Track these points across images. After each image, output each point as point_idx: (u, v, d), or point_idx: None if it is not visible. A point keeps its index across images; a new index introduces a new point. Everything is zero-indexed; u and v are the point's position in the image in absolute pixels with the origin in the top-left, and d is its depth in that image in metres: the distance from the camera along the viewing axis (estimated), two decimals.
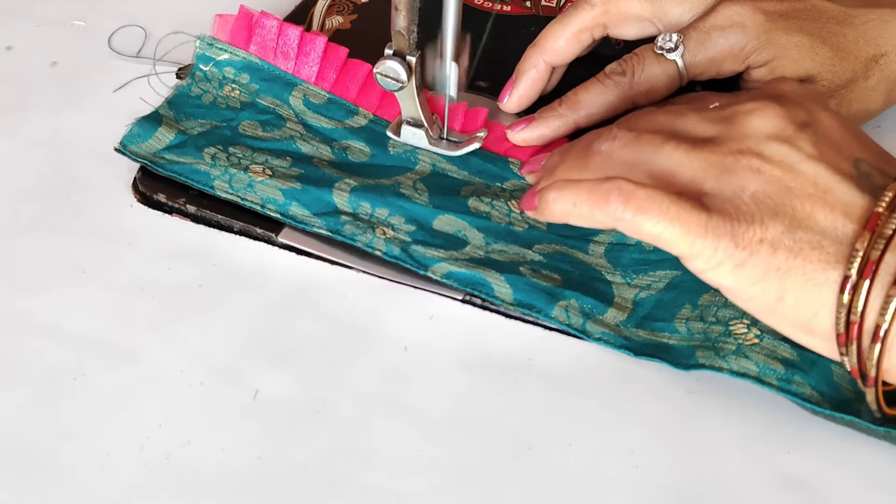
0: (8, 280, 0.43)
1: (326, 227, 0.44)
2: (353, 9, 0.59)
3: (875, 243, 0.33)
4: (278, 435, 0.38)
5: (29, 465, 0.37)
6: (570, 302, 0.42)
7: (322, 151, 0.48)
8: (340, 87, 0.50)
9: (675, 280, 0.42)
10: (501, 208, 0.46)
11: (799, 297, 0.35)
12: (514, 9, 0.60)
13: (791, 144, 0.36)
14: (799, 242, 0.35)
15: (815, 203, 0.35)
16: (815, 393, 0.38)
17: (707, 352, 0.39)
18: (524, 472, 0.37)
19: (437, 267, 0.43)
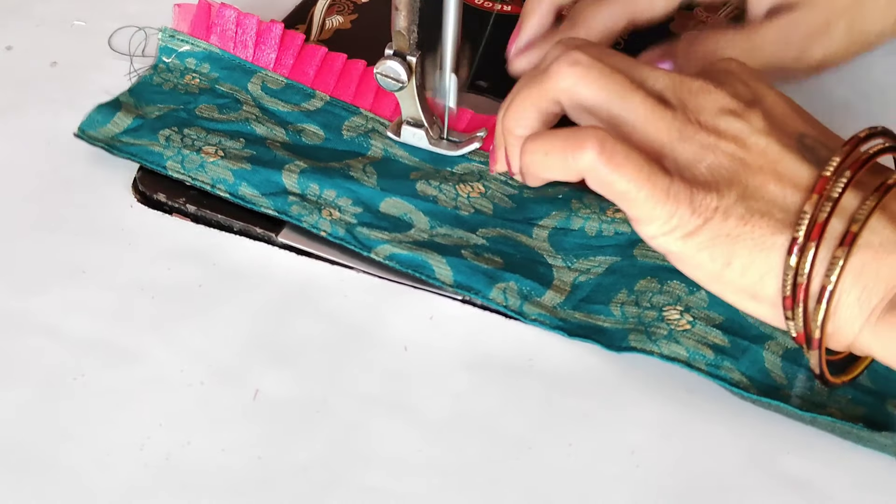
0: (8, 280, 0.43)
1: (274, 208, 0.45)
2: (353, 9, 0.59)
3: (822, 206, 0.34)
4: (278, 435, 0.38)
5: (29, 465, 0.37)
6: (508, 284, 0.42)
7: (276, 133, 0.49)
8: (298, 72, 0.51)
9: (614, 265, 0.43)
10: (449, 192, 0.46)
11: (746, 261, 0.36)
12: (515, 9, 0.60)
13: (743, 119, 0.37)
14: (750, 210, 0.35)
15: (765, 174, 0.36)
16: (743, 378, 0.39)
17: (639, 335, 0.40)
18: (524, 472, 0.37)
19: (380, 249, 0.44)
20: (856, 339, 0.35)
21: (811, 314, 0.35)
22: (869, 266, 0.34)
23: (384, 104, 0.50)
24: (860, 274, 0.34)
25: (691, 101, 0.38)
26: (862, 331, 0.35)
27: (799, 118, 0.38)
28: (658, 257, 0.43)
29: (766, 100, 0.38)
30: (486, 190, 0.47)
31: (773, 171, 0.36)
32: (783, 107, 0.38)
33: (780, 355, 0.40)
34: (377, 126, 0.49)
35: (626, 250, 0.44)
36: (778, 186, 0.36)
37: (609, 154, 0.36)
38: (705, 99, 0.37)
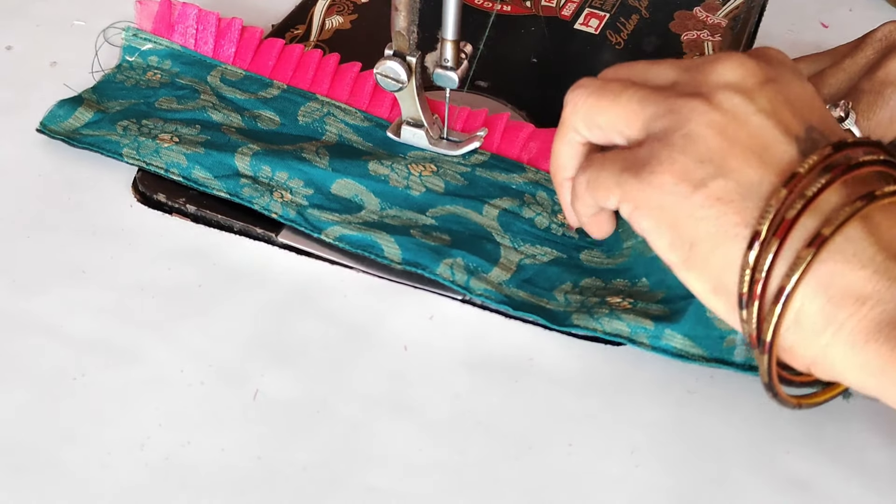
0: (8, 280, 0.43)
1: (226, 190, 0.46)
2: (353, 9, 0.59)
3: (793, 203, 0.32)
4: (279, 435, 0.38)
5: (29, 465, 0.37)
6: (455, 260, 0.43)
7: (232, 119, 0.49)
8: (257, 65, 0.52)
9: (559, 259, 0.44)
10: (401, 171, 0.47)
11: (709, 247, 0.33)
12: (514, 8, 0.60)
13: (747, 96, 0.35)
14: (721, 191, 0.33)
15: (748, 156, 0.34)
16: (686, 342, 0.39)
17: (582, 315, 0.41)
18: (525, 471, 0.37)
19: (330, 230, 0.44)
20: (821, 357, 0.33)
21: (766, 315, 0.32)
22: (839, 277, 0.32)
23: (340, 88, 0.51)
24: (828, 283, 0.32)
25: (699, 74, 0.36)
26: (828, 348, 0.32)
27: (817, 114, 0.35)
28: (604, 262, 0.44)
29: (788, 85, 0.35)
30: (437, 169, 0.47)
31: (760, 155, 0.33)
32: (804, 98, 0.35)
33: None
34: (333, 110, 0.50)
35: (573, 252, 0.44)
36: (758, 171, 0.33)
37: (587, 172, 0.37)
38: (714, 71, 0.36)
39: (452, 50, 0.45)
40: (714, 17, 0.60)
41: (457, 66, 0.46)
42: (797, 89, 0.36)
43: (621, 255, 0.44)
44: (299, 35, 0.56)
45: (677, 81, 0.37)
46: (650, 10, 0.60)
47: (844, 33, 0.60)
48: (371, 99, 0.50)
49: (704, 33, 0.58)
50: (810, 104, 0.35)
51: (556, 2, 0.60)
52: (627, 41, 0.58)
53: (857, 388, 0.33)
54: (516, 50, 0.57)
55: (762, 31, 0.60)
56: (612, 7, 0.60)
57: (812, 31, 0.60)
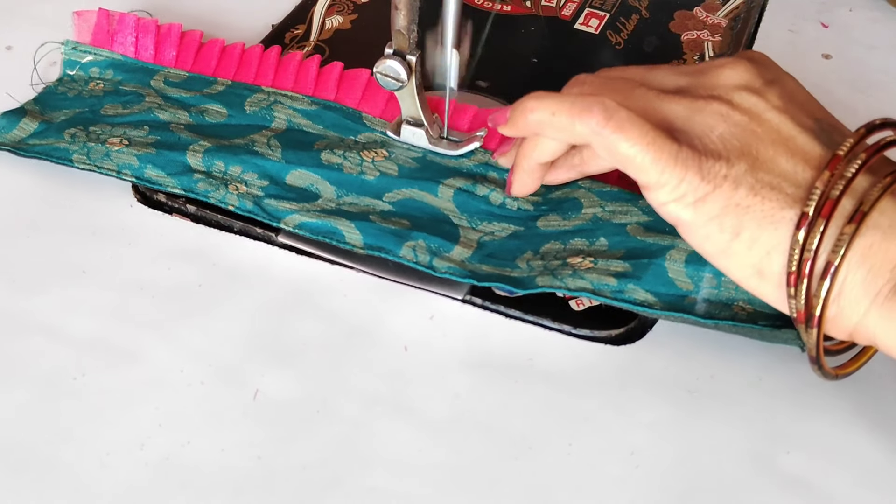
0: (8, 280, 0.43)
1: (180, 186, 0.46)
2: (353, 9, 0.59)
3: (835, 184, 0.34)
4: (279, 435, 0.38)
5: (29, 465, 0.37)
6: (417, 242, 0.43)
7: (180, 116, 0.49)
8: (200, 66, 0.52)
9: (517, 233, 0.44)
10: (354, 159, 0.47)
11: (754, 233, 0.36)
12: (514, 8, 0.60)
13: (759, 95, 0.37)
14: (760, 182, 0.36)
15: (777, 148, 0.36)
16: (648, 296, 0.40)
17: (546, 277, 0.41)
18: (524, 471, 0.37)
19: (289, 219, 0.44)
20: (859, 323, 0.35)
21: (814, 291, 0.35)
22: (876, 247, 0.34)
23: (284, 77, 0.51)
24: (867, 255, 0.34)
25: (711, 76, 0.38)
26: (867, 314, 0.35)
27: (816, 106, 0.38)
28: (561, 224, 0.44)
29: (786, 83, 0.38)
30: (389, 154, 0.48)
31: (786, 146, 0.36)
32: (802, 93, 0.39)
33: (684, 261, 0.40)
34: (280, 98, 0.50)
35: (529, 222, 0.45)
36: (790, 162, 0.36)
37: (610, 115, 0.36)
38: (725, 73, 0.38)
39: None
40: (714, 17, 0.60)
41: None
42: (794, 87, 0.39)
43: (579, 218, 0.44)
44: (299, 35, 0.56)
45: (686, 87, 0.38)
46: (650, 10, 0.60)
47: (844, 33, 0.60)
48: (316, 85, 0.51)
49: (704, 33, 0.58)
50: (808, 99, 0.38)
51: (557, 2, 0.60)
52: (627, 41, 0.58)
53: (891, 351, 0.35)
54: (516, 50, 0.57)
55: (762, 31, 0.60)
56: (612, 7, 0.60)
57: (812, 31, 0.60)
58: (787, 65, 0.57)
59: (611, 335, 0.42)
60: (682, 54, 0.57)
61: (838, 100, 0.55)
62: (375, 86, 0.50)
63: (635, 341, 0.42)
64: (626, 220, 0.43)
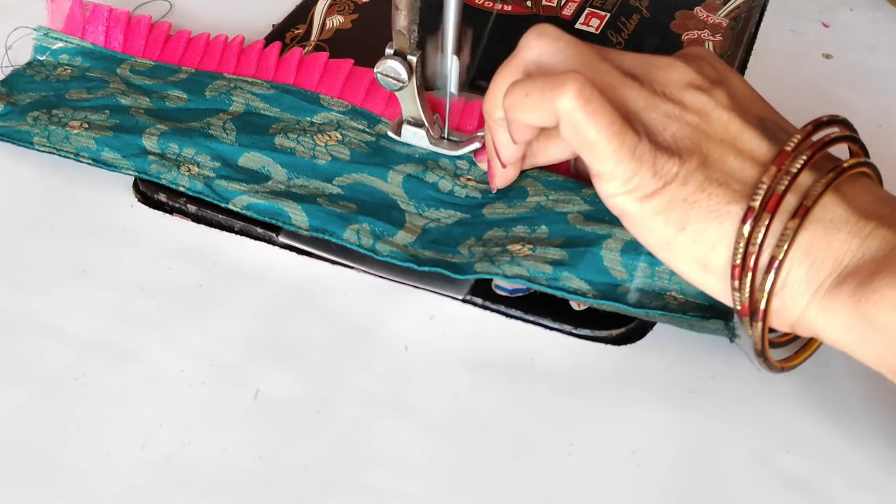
0: (8, 280, 0.43)
1: (134, 168, 0.46)
2: (353, 8, 0.59)
3: (781, 179, 0.35)
4: (279, 435, 0.38)
5: (29, 464, 0.37)
6: (361, 226, 0.44)
7: (141, 101, 0.50)
8: (166, 56, 0.53)
9: (463, 220, 0.45)
10: (307, 143, 0.48)
11: (699, 227, 0.36)
12: (515, 8, 0.60)
13: (708, 94, 0.38)
14: (709, 179, 0.36)
15: (726, 147, 0.37)
16: (582, 284, 0.41)
17: (484, 263, 0.42)
18: (525, 471, 0.37)
19: (237, 199, 0.45)
20: (801, 316, 0.35)
21: (758, 284, 0.35)
22: (819, 241, 0.35)
23: (246, 65, 0.52)
24: (809, 249, 0.35)
25: (659, 75, 0.38)
26: (808, 307, 0.35)
27: (761, 104, 0.39)
28: (506, 212, 0.45)
29: (732, 82, 0.39)
30: (343, 138, 0.48)
31: (734, 144, 0.37)
32: (747, 91, 0.39)
33: (619, 250, 0.41)
34: (240, 84, 0.51)
35: (476, 210, 0.45)
36: (737, 159, 0.36)
37: (587, 98, 0.36)
38: (672, 73, 0.38)
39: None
40: (715, 16, 0.60)
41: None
42: (741, 86, 0.39)
43: (524, 206, 0.45)
44: (300, 35, 0.56)
45: (640, 75, 0.39)
46: (651, 10, 0.60)
47: (845, 33, 0.60)
48: (276, 70, 0.52)
49: (705, 33, 0.58)
50: (753, 98, 0.39)
51: (557, 1, 0.60)
52: (628, 41, 0.58)
53: (832, 344, 0.35)
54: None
55: (763, 31, 0.60)
56: (612, 7, 0.60)
57: (812, 31, 0.60)
58: (787, 65, 0.57)
59: (611, 335, 0.42)
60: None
61: (838, 100, 0.55)
62: (333, 69, 0.51)
63: (635, 341, 0.42)
64: (567, 209, 0.44)
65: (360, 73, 0.51)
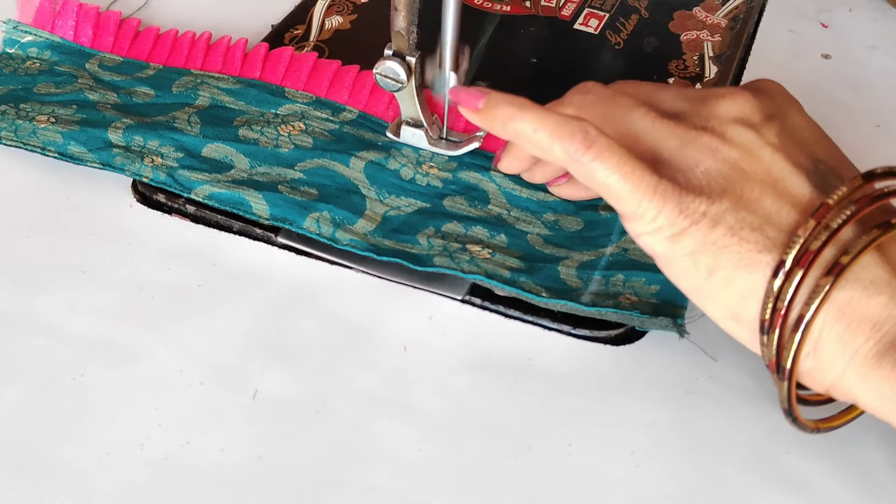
0: (8, 280, 0.43)
1: (99, 161, 0.47)
2: (352, 9, 0.59)
3: (818, 234, 0.33)
4: (278, 435, 0.38)
5: (28, 464, 0.37)
6: (322, 214, 0.44)
7: (108, 97, 0.51)
8: (135, 52, 0.54)
9: (423, 209, 0.46)
10: (270, 134, 0.48)
11: (729, 275, 0.34)
12: (514, 8, 0.60)
13: (755, 130, 0.36)
14: (740, 222, 0.34)
15: (765, 188, 0.35)
16: (537, 287, 0.42)
17: (444, 258, 0.43)
18: (524, 471, 0.37)
19: (199, 189, 0.45)
20: (838, 381, 0.34)
21: (786, 343, 0.33)
22: (856, 303, 0.33)
23: (213, 61, 0.52)
24: (845, 310, 0.33)
25: (704, 109, 0.37)
26: (845, 372, 0.33)
27: (822, 145, 0.37)
28: (465, 209, 0.45)
29: (791, 120, 0.37)
30: (306, 127, 0.49)
31: (774, 186, 0.35)
32: (807, 131, 0.37)
33: (575, 267, 0.43)
34: (206, 79, 0.51)
35: (436, 200, 0.46)
36: (776, 203, 0.34)
37: (594, 146, 0.35)
38: (724, 105, 0.37)
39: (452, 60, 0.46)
40: (714, 16, 0.60)
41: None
42: (799, 122, 0.37)
43: (484, 212, 0.46)
44: (299, 35, 0.56)
45: (684, 112, 0.37)
46: (650, 10, 0.60)
47: (844, 33, 0.60)
48: (243, 65, 0.52)
49: (704, 33, 0.58)
50: (813, 137, 0.37)
51: (556, 2, 0.60)
52: (627, 41, 0.58)
53: (871, 412, 0.34)
54: (516, 50, 0.57)
55: (762, 31, 0.60)
56: (611, 7, 0.60)
57: (812, 32, 0.60)
58: (786, 65, 0.57)
59: (611, 335, 0.42)
60: (681, 54, 0.57)
61: (838, 100, 0.55)
62: (298, 62, 0.51)
63: (635, 341, 0.42)
64: (527, 230, 0.45)
65: (323, 65, 0.52)
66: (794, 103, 0.38)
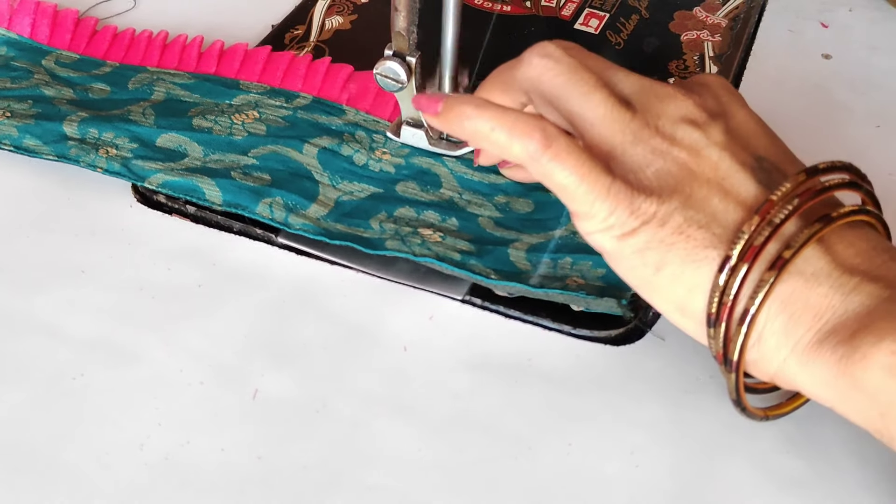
0: (8, 280, 0.43)
1: (54, 153, 0.47)
2: (353, 9, 0.59)
3: (762, 230, 0.34)
4: (278, 435, 0.38)
5: (28, 464, 0.37)
6: (274, 199, 0.45)
7: (64, 93, 0.51)
8: (91, 50, 0.54)
9: (375, 194, 0.46)
10: (224, 122, 0.49)
11: (676, 270, 0.35)
12: (514, 9, 0.60)
13: (702, 130, 0.36)
14: (688, 220, 0.35)
15: (712, 187, 0.35)
16: (487, 269, 0.42)
17: (396, 242, 0.44)
18: (524, 471, 0.37)
19: (153, 178, 0.46)
20: (781, 370, 0.34)
21: (732, 335, 0.34)
22: (798, 294, 0.34)
23: (169, 58, 0.53)
24: (788, 301, 0.34)
25: (655, 105, 0.37)
26: (787, 361, 0.34)
27: (764, 141, 0.37)
28: (417, 194, 0.46)
29: (735, 116, 0.37)
30: (260, 116, 0.49)
31: (721, 185, 0.35)
32: (751, 126, 0.37)
33: (525, 250, 0.43)
34: (162, 75, 0.52)
35: (389, 185, 0.47)
36: (723, 201, 0.35)
37: (552, 146, 0.35)
38: (669, 105, 0.37)
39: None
40: (714, 16, 0.60)
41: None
42: (742, 119, 0.37)
43: (436, 195, 0.46)
44: (299, 35, 0.56)
45: (636, 103, 0.37)
46: (650, 10, 0.60)
47: (844, 33, 0.60)
48: (199, 62, 0.53)
49: (704, 33, 0.58)
50: (756, 133, 0.37)
51: (556, 2, 0.60)
52: (627, 41, 0.58)
53: (813, 398, 0.35)
54: (516, 50, 0.57)
55: (762, 31, 0.60)
56: (611, 7, 0.60)
57: (812, 31, 0.60)
58: (786, 65, 0.57)
59: (611, 335, 0.42)
60: (682, 54, 0.57)
61: (838, 100, 0.55)
62: (252, 57, 0.52)
63: (635, 341, 0.42)
64: (479, 212, 0.46)
65: (277, 57, 0.52)
66: (737, 99, 0.38)
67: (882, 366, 0.32)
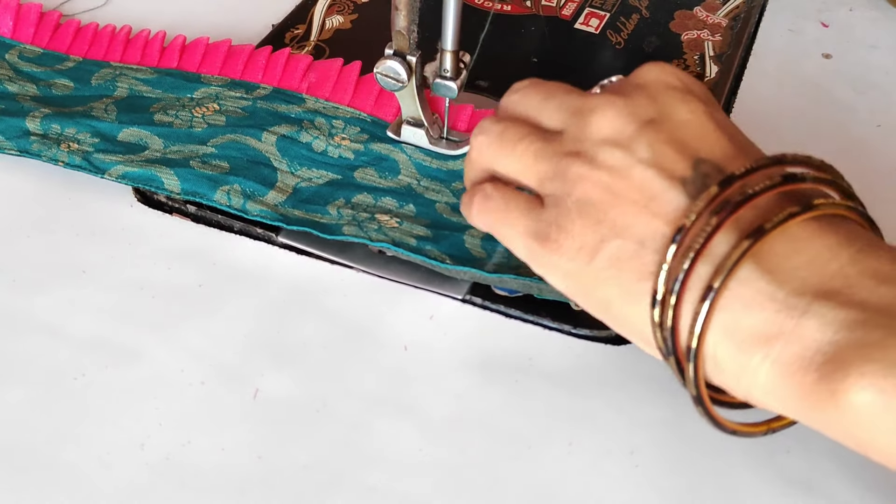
0: (8, 280, 0.43)
1: (16, 148, 0.48)
2: (353, 8, 0.59)
3: (684, 255, 0.30)
4: (279, 435, 0.38)
5: (29, 464, 0.37)
6: (232, 186, 0.46)
7: (28, 89, 0.51)
8: (54, 44, 0.54)
9: (333, 181, 0.47)
10: (185, 116, 0.49)
11: (621, 308, 0.33)
12: (514, 8, 0.60)
13: (625, 148, 0.33)
14: (618, 251, 0.32)
15: (638, 210, 0.32)
16: (442, 255, 0.43)
17: (352, 227, 0.44)
18: (524, 471, 0.37)
19: (113, 170, 0.46)
20: (747, 396, 0.31)
21: (686, 369, 0.31)
22: (741, 323, 0.30)
23: (132, 54, 0.53)
24: (731, 331, 0.30)
25: (580, 129, 0.34)
26: (750, 390, 0.31)
27: (709, 139, 0.33)
28: (375, 180, 0.47)
29: (672, 118, 0.33)
30: (220, 107, 0.50)
31: (647, 206, 0.32)
32: (692, 126, 0.33)
33: (481, 238, 0.44)
34: (125, 71, 0.52)
35: (347, 171, 0.48)
36: (650, 224, 0.32)
37: (486, 206, 0.36)
38: (592, 125, 0.34)
39: (452, 60, 0.45)
40: (714, 16, 0.60)
41: (456, 76, 0.46)
42: (683, 118, 0.33)
43: (394, 182, 0.47)
44: (299, 35, 0.56)
45: (564, 130, 0.35)
46: (650, 10, 0.60)
47: (845, 33, 0.60)
48: (161, 57, 0.53)
49: (705, 33, 0.58)
50: (698, 132, 0.33)
51: (557, 1, 0.60)
52: (628, 41, 0.58)
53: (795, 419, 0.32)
54: (516, 50, 0.57)
55: (762, 31, 0.60)
56: (612, 6, 0.60)
57: (812, 31, 0.60)
58: (787, 65, 0.57)
59: (611, 335, 0.42)
60: (682, 54, 0.57)
61: (838, 100, 0.55)
62: (213, 50, 0.52)
63: None
64: (436, 199, 0.46)
65: (238, 49, 0.52)
66: (678, 95, 0.34)
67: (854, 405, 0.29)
